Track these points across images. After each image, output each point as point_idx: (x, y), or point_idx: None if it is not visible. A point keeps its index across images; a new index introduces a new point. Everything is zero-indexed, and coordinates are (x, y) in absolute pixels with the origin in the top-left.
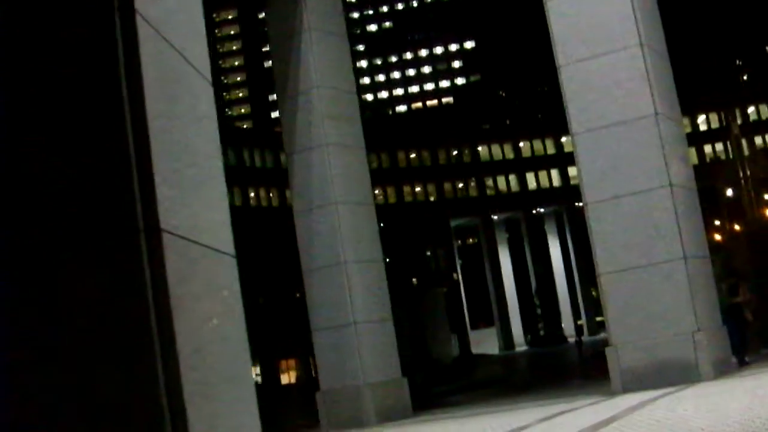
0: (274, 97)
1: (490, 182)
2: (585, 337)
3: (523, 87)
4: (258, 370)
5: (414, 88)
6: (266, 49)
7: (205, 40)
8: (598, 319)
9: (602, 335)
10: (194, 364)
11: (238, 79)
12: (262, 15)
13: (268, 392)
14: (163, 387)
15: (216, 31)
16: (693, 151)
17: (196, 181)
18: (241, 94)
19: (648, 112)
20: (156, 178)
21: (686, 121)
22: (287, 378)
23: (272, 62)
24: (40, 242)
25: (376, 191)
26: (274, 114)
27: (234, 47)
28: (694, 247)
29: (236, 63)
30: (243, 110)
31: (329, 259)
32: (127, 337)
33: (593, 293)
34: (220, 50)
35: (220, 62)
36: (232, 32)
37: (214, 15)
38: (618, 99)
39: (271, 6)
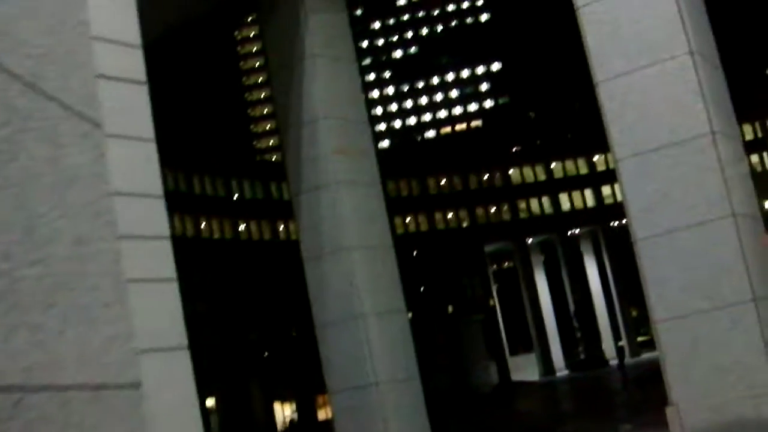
0: None
1: (523, 205)
2: (627, 359)
3: (552, 106)
4: (294, 406)
5: (442, 113)
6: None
7: None
8: (640, 339)
9: (644, 356)
10: None
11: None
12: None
13: (303, 429)
14: None
15: (238, 48)
16: None
17: None
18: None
19: (703, 130)
20: None
21: None
22: (324, 414)
23: (273, 92)
24: None
25: (408, 219)
26: None
27: (257, 64)
28: (765, 286)
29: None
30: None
31: (344, 311)
32: None
33: (633, 313)
34: (243, 67)
35: (244, 79)
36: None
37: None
38: (667, 117)
39: (270, 30)
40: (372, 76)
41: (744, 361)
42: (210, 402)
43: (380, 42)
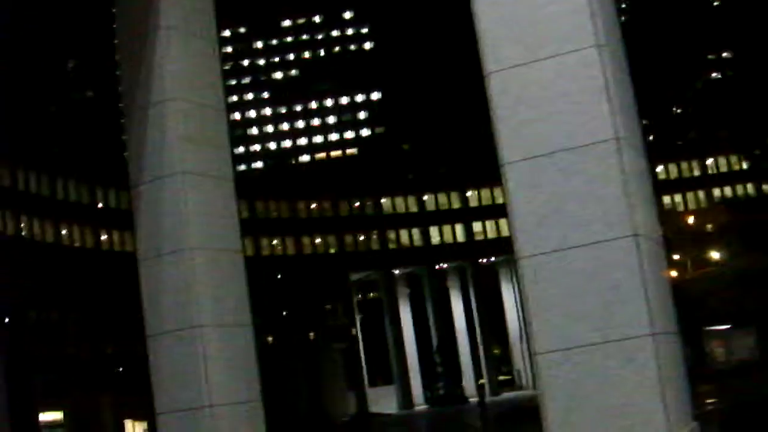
0: None
1: (392, 236)
2: (487, 398)
3: (428, 140)
4: (146, 425)
5: (318, 138)
6: None
7: None
8: (501, 378)
9: (504, 395)
10: None
11: None
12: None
13: None
14: None
15: None
16: None
17: None
18: None
19: (607, 135)
20: None
21: None
22: None
23: (119, 65)
24: None
25: (275, 241)
26: None
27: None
28: (665, 319)
29: None
30: None
31: (180, 321)
32: None
33: (495, 351)
34: None
35: None
36: None
37: None
38: (566, 117)
39: None
40: (250, 96)
41: (637, 403)
42: (57, 416)
43: (261, 62)
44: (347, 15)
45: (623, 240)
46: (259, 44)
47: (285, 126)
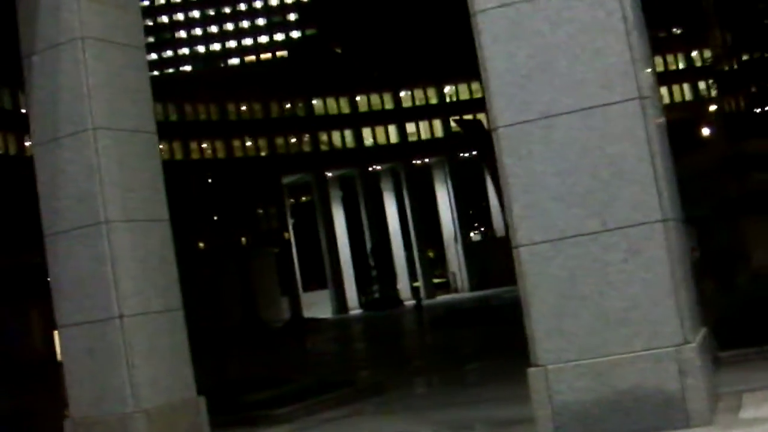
0: None
1: (324, 138)
2: (423, 300)
3: (360, 42)
4: None
5: (248, 41)
6: None
7: None
8: (436, 281)
9: (439, 298)
10: None
11: None
12: None
13: None
14: None
15: None
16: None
17: None
18: None
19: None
20: None
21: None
22: None
23: None
24: None
25: (204, 145)
26: None
27: None
28: (674, 201)
29: None
30: None
31: (83, 216)
32: None
33: (430, 254)
34: None
35: None
36: None
37: None
38: None
39: None
40: None
41: (644, 306)
42: None
43: None
44: None
45: (627, 104)
46: None
47: (214, 28)
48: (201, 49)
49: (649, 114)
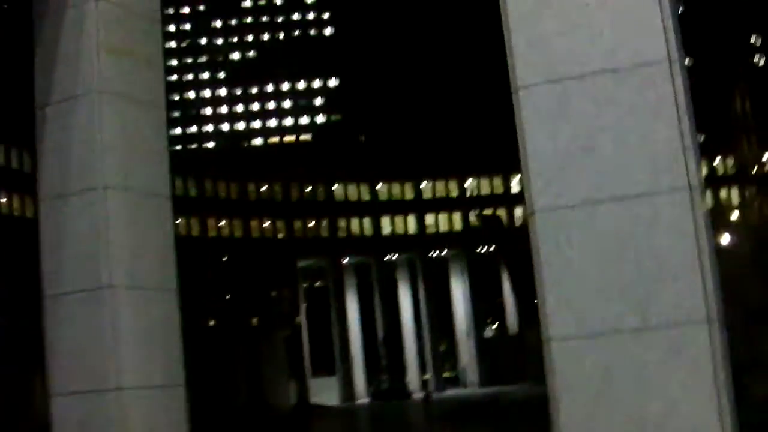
0: None
1: (342, 224)
2: (433, 394)
3: (384, 131)
4: None
5: (272, 122)
6: None
7: None
8: (445, 374)
9: (448, 392)
10: None
11: None
12: None
13: None
14: None
15: None
16: None
17: None
18: None
19: (658, 55)
20: None
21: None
22: None
23: None
24: None
25: (222, 223)
26: None
27: None
28: (719, 302)
29: None
30: None
31: (86, 279)
32: None
33: (441, 347)
34: None
35: None
36: None
37: None
38: (603, 30)
39: None
40: (206, 75)
41: (683, 410)
42: None
43: (219, 41)
44: None
45: (676, 193)
46: (218, 23)
47: (239, 108)
48: (225, 127)
49: (697, 206)
